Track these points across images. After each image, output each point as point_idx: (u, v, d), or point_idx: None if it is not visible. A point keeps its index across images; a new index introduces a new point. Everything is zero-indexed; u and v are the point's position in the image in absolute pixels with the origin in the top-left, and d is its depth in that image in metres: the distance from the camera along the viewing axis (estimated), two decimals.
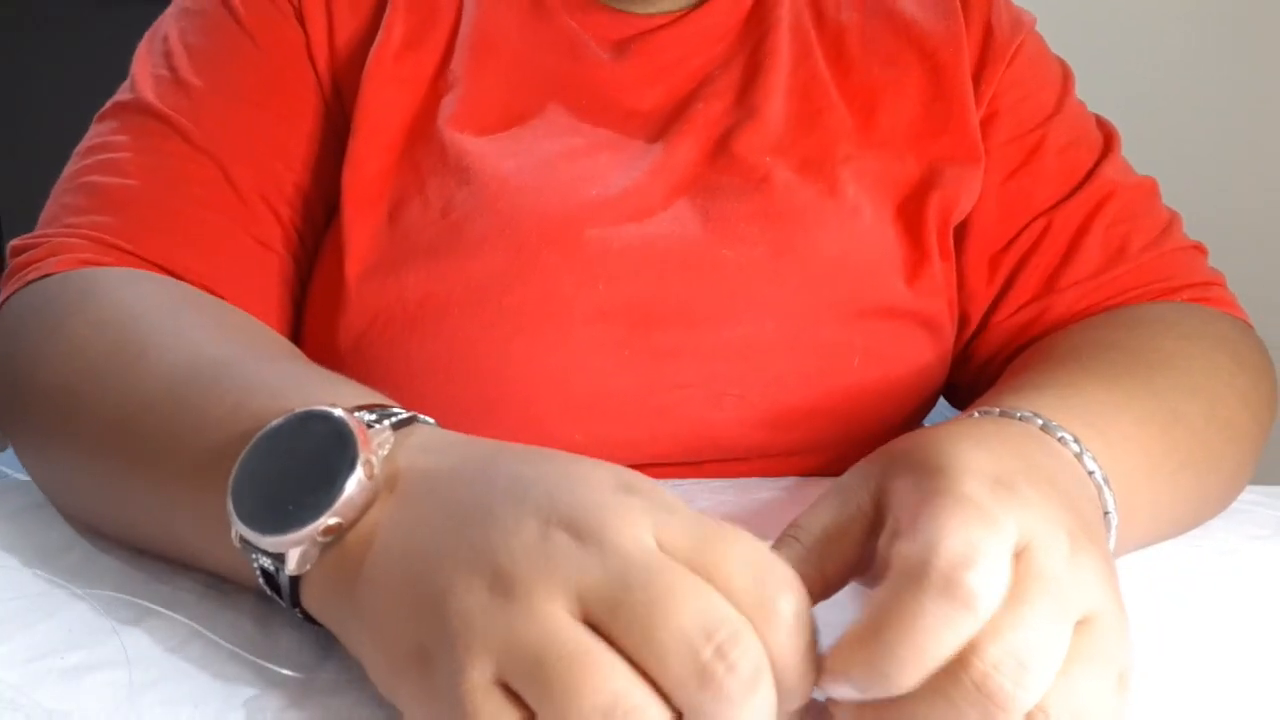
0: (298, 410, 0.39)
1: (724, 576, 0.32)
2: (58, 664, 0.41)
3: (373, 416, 0.40)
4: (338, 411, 0.38)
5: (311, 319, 0.67)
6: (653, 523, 0.33)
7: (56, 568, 0.48)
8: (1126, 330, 0.63)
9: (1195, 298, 0.69)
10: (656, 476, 0.64)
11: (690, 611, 0.31)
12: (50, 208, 0.64)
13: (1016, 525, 0.35)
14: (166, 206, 0.63)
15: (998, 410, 0.47)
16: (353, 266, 0.63)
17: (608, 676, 0.30)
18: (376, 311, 0.62)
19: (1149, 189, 0.72)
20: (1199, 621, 0.48)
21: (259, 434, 0.39)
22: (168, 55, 0.67)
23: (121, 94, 0.67)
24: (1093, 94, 0.76)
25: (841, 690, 0.34)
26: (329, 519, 0.37)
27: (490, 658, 0.31)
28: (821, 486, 0.62)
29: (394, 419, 0.41)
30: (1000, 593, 0.33)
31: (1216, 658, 0.45)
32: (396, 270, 0.63)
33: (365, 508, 0.37)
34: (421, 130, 0.66)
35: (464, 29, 0.69)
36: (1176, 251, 0.71)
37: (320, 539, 0.37)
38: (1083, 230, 0.70)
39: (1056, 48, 0.76)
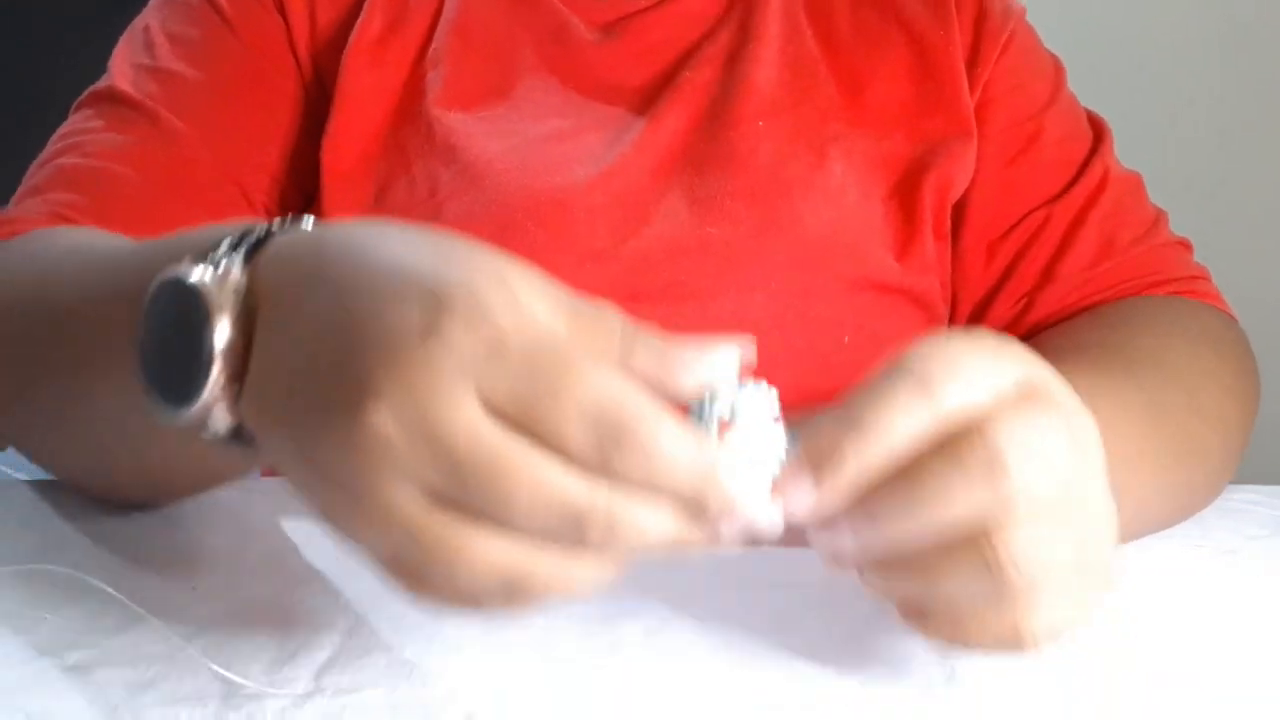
0: (155, 280, 0.38)
1: (559, 437, 0.31)
2: (56, 663, 0.41)
3: (222, 250, 0.38)
4: (190, 272, 0.37)
5: None
6: (475, 382, 0.31)
7: (54, 566, 0.48)
8: (1107, 330, 0.64)
9: (1179, 291, 0.70)
10: None
11: (534, 502, 0.31)
12: (19, 191, 0.65)
13: (1031, 375, 0.37)
14: (129, 185, 0.63)
15: None
16: None
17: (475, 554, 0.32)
18: None
19: (1136, 184, 0.73)
20: (1199, 621, 0.48)
21: (138, 321, 0.39)
22: (149, 45, 0.68)
23: (98, 83, 0.68)
24: (1084, 91, 0.76)
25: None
26: (219, 376, 0.36)
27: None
28: None
29: (248, 242, 0.38)
30: (971, 400, 0.35)
31: (1217, 657, 0.45)
32: None
33: (246, 346, 0.36)
34: (407, 111, 0.66)
35: (447, 13, 0.69)
36: (1164, 247, 0.71)
37: (225, 393, 0.36)
38: (1077, 223, 0.70)
39: (1046, 41, 0.75)
